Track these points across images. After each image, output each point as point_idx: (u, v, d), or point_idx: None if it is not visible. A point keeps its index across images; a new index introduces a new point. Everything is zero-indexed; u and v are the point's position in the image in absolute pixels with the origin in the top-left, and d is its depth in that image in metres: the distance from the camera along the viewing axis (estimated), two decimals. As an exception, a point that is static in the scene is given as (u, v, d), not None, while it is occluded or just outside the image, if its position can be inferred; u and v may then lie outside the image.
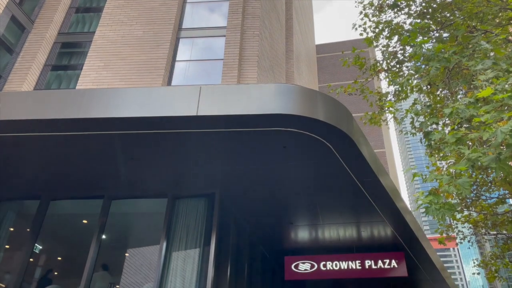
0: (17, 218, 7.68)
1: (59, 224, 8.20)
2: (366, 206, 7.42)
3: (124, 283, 7.31)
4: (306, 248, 9.54)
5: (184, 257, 6.83)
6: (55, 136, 5.82)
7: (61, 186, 7.39)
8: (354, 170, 6.34)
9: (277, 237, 9.26)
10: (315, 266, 8.86)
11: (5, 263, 7.46)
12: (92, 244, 6.95)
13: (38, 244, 7.53)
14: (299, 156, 6.15)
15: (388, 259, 8.48)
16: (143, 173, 6.89)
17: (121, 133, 5.70)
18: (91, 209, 7.56)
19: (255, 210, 8.01)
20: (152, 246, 7.25)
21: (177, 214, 7.25)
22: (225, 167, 6.55)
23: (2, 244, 7.36)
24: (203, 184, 7.16)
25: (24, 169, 6.97)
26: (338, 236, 8.91)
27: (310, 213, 7.99)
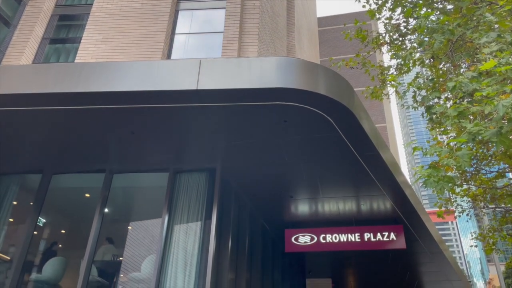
0: (20, 192, 7.76)
1: (62, 197, 8.29)
2: (366, 180, 7.47)
3: (127, 255, 7.45)
4: (306, 221, 9.66)
5: (186, 230, 6.94)
6: (55, 110, 5.80)
7: (63, 160, 7.43)
8: (355, 144, 6.35)
9: (277, 210, 9.36)
10: (315, 238, 9.00)
11: (9, 236, 7.59)
12: (95, 217, 7.05)
13: (42, 217, 7.63)
14: (299, 130, 6.14)
15: (387, 232, 8.61)
16: (144, 148, 6.91)
17: (120, 107, 5.68)
18: (93, 183, 7.62)
19: (255, 184, 8.07)
20: (154, 219, 7.35)
21: (179, 188, 7.32)
22: (226, 142, 6.56)
23: (6, 218, 7.47)
24: (204, 158, 7.19)
25: (26, 143, 6.99)
26: (338, 209, 9.00)
27: (310, 187, 8.05)
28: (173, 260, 6.66)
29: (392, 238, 8.54)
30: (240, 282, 8.06)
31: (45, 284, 7.27)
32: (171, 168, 7.37)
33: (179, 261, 6.64)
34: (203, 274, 6.44)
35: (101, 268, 7.34)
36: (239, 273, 8.15)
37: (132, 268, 7.16)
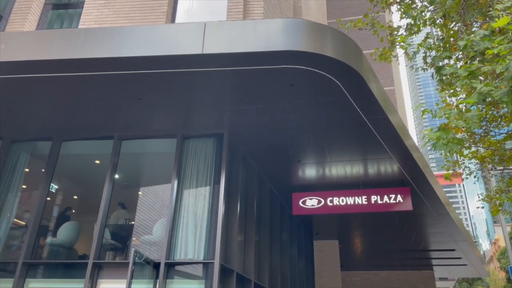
0: (31, 159, 7.88)
1: (73, 164, 8.42)
2: (373, 143, 7.46)
3: (138, 219, 7.63)
4: (313, 185, 9.75)
5: (195, 194, 7.05)
6: (61, 77, 5.79)
7: (72, 127, 7.49)
8: (363, 107, 6.30)
9: (284, 174, 9.44)
10: (322, 201, 9.11)
11: (23, 202, 7.78)
12: (106, 183, 7.18)
13: (54, 184, 7.79)
14: (307, 94, 6.09)
15: (394, 194, 8.67)
16: (151, 114, 6.92)
17: (125, 73, 5.65)
18: (102, 150, 7.71)
19: (263, 149, 8.10)
20: (164, 184, 7.46)
21: (187, 154, 7.38)
22: (233, 107, 6.54)
23: (19, 184, 7.63)
24: (212, 124, 7.20)
25: (34, 111, 7.03)
26: (345, 173, 9.06)
27: (318, 151, 8.07)
28: (183, 223, 6.81)
29: (399, 200, 8.61)
30: (249, 244, 8.26)
31: (60, 247, 7.52)
32: (179, 134, 7.40)
33: (189, 225, 6.80)
34: (213, 237, 6.60)
35: (114, 232, 7.55)
36: (248, 235, 8.34)
37: (144, 231, 7.35)
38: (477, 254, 15.45)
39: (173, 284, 6.48)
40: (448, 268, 18.99)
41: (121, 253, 7.51)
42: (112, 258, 7.26)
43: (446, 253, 15.59)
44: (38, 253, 7.32)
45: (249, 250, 8.22)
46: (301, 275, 13.16)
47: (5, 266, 7.07)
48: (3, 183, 7.58)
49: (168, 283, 6.41)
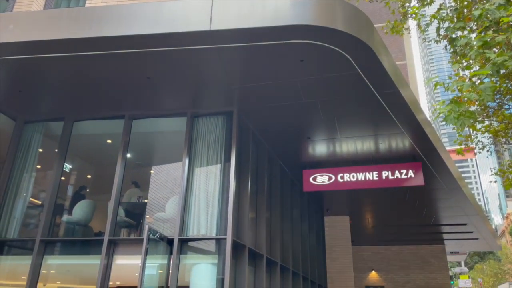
0: (44, 139, 7.99)
1: (85, 144, 8.52)
2: (385, 118, 7.39)
3: (151, 197, 7.75)
4: (323, 162, 9.74)
5: (206, 172, 7.11)
6: (70, 57, 5.79)
7: (83, 106, 7.54)
8: (374, 82, 6.21)
9: (295, 152, 9.44)
10: (333, 178, 9.12)
11: (38, 182, 7.94)
12: (118, 162, 7.26)
13: (67, 163, 7.91)
14: (316, 69, 6.02)
15: (405, 170, 8.64)
16: (160, 92, 6.92)
17: (134, 51, 5.63)
18: (113, 129, 7.77)
19: (272, 126, 8.09)
20: (175, 163, 7.53)
21: (197, 132, 7.40)
22: (242, 84, 6.50)
23: (33, 164, 7.76)
24: (221, 102, 7.18)
25: (45, 91, 7.09)
26: (356, 149, 9.02)
27: (328, 127, 8.03)
28: (195, 201, 6.90)
29: (410, 175, 8.58)
30: (260, 221, 8.36)
31: (76, 225, 7.70)
32: (188, 113, 7.41)
33: (201, 202, 6.88)
34: (225, 214, 6.68)
35: (128, 210, 7.69)
36: (259, 212, 8.43)
37: (157, 209, 7.48)
38: (489, 228, 15.43)
39: (186, 259, 6.62)
40: (459, 242, 19.05)
41: (135, 230, 7.67)
42: (126, 235, 7.42)
43: (458, 227, 15.60)
44: (54, 231, 7.51)
45: (260, 226, 8.32)
46: (312, 250, 13.34)
47: (23, 243, 7.28)
48: (18, 164, 7.72)
49: (182, 259, 6.55)
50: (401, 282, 19.39)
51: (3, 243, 7.21)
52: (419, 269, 19.41)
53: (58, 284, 9.90)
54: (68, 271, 8.31)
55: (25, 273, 6.84)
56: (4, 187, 7.50)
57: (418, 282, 19.20)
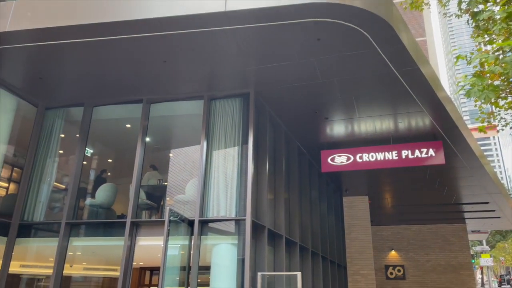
0: (65, 125, 8.14)
1: (105, 129, 8.65)
2: (404, 96, 7.25)
3: (171, 180, 7.86)
4: (342, 142, 9.66)
5: (224, 154, 7.15)
6: (88, 42, 5.84)
7: (102, 92, 7.63)
8: (393, 59, 6.08)
9: (312, 133, 9.38)
10: (351, 158, 9.05)
11: (61, 167, 8.13)
12: (138, 146, 7.36)
13: (89, 148, 8.06)
14: (334, 48, 5.92)
15: (425, 149, 8.50)
16: (177, 76, 6.94)
17: (149, 35, 5.63)
18: (132, 114, 7.86)
19: (289, 107, 8.04)
20: (193, 146, 7.59)
21: (214, 115, 7.42)
22: (258, 65, 6.45)
23: (56, 150, 7.94)
24: (237, 84, 7.16)
25: (65, 77, 7.19)
26: (375, 128, 8.91)
27: (346, 107, 7.94)
28: (214, 183, 6.97)
29: (431, 154, 8.44)
30: (279, 202, 8.40)
31: (99, 208, 7.90)
32: (205, 96, 7.42)
33: (220, 184, 6.95)
34: (244, 195, 6.74)
35: (149, 192, 7.84)
36: (278, 193, 8.47)
37: (176, 191, 7.59)
38: (511, 206, 15.16)
39: (207, 240, 6.74)
40: (481, 221, 18.81)
41: (156, 212, 7.82)
42: (147, 217, 7.58)
43: (480, 206, 15.38)
44: (79, 214, 7.72)
45: (279, 207, 8.37)
46: (331, 230, 13.39)
47: (49, 226, 7.52)
48: (42, 149, 7.91)
49: (203, 239, 6.67)
50: (421, 261, 19.35)
51: (30, 226, 7.46)
52: (439, 248, 19.31)
53: (84, 265, 10.24)
54: (93, 252, 8.58)
55: (52, 255, 7.09)
56: (29, 172, 7.71)
57: (438, 261, 19.13)
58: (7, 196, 8.34)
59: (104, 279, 10.81)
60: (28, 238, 7.46)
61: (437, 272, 19.06)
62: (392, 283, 19.41)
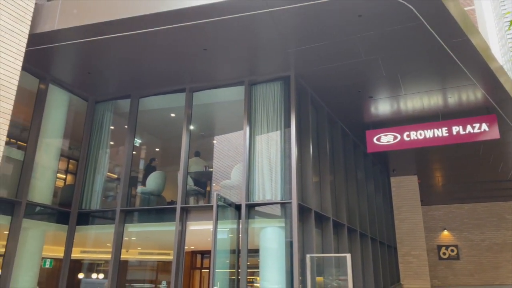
0: (114, 117, 8.48)
1: (151, 119, 8.93)
2: (454, 70, 6.91)
3: (216, 166, 8.01)
4: (388, 121, 9.40)
5: (267, 139, 7.17)
6: (131, 36, 6.00)
7: (147, 83, 7.86)
8: (440, 31, 5.78)
9: (356, 112, 9.18)
10: (398, 137, 8.79)
11: (113, 158, 8.51)
12: (183, 134, 7.54)
13: (137, 138, 8.37)
14: (376, 24, 5.71)
15: (478, 123, 8.08)
16: (217, 63, 6.99)
17: (189, 24, 5.69)
18: (176, 103, 8.04)
19: (332, 88, 7.90)
20: (236, 132, 7.67)
21: (255, 100, 7.44)
22: (298, 47, 6.36)
23: (107, 141, 8.30)
24: (277, 67, 7.11)
25: (111, 71, 7.47)
26: (422, 105, 8.58)
27: (391, 85, 7.69)
28: (258, 168, 7.03)
29: (484, 129, 8.02)
30: (324, 184, 8.35)
31: (150, 195, 8.21)
32: (246, 81, 7.44)
33: (264, 168, 6.99)
34: (288, 179, 6.75)
35: (196, 179, 8.04)
36: (323, 176, 8.41)
37: (222, 177, 7.73)
38: None
39: (254, 223, 6.84)
40: (540, 197, 17.79)
41: (203, 198, 8.02)
42: (195, 203, 7.79)
43: (539, 182, 14.53)
44: (131, 201, 8.08)
45: (325, 189, 8.32)
46: (379, 211, 13.15)
47: (105, 214, 7.92)
48: (94, 142, 8.30)
49: (250, 223, 6.78)
50: (476, 240, 18.64)
51: (87, 214, 7.91)
52: (495, 226, 18.51)
53: (139, 250, 10.75)
54: (146, 237, 8.97)
55: (108, 240, 7.48)
56: (83, 163, 8.13)
57: (494, 240, 18.36)
58: (65, 186, 8.88)
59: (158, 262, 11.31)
60: (86, 225, 7.91)
61: (493, 251, 18.33)
62: (445, 264, 18.88)
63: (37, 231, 7.14)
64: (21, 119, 7.27)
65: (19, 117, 7.16)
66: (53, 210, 7.59)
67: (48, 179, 7.46)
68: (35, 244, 7.06)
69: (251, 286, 7.32)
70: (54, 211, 7.62)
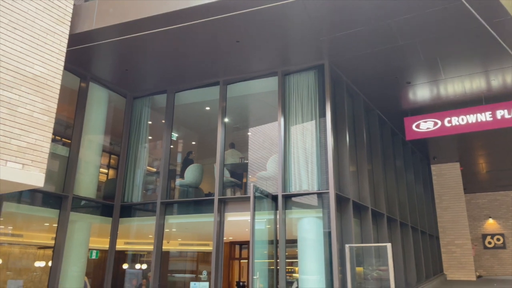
0: (152, 112, 8.69)
1: (187, 113, 9.08)
2: (496, 51, 6.58)
3: (251, 157, 8.05)
4: (427, 107, 9.09)
5: (302, 129, 7.12)
6: (166, 31, 6.10)
7: (182, 78, 7.99)
8: (481, 10, 5.51)
9: (393, 99, 8.94)
10: (439, 123, 8.49)
11: (152, 152, 8.74)
12: (218, 127, 7.62)
13: (174, 132, 8.54)
14: (413, 7, 5.51)
15: (524, 106, 7.68)
16: (250, 54, 6.99)
17: (221, 17, 5.72)
18: (211, 96, 8.12)
19: (367, 75, 7.72)
20: (271, 123, 7.67)
21: (289, 90, 7.40)
22: (331, 34, 6.25)
23: (145, 136, 8.53)
24: (311, 56, 7.03)
25: (147, 66, 7.65)
26: (464, 89, 8.23)
27: (430, 69, 7.42)
28: (294, 158, 7.00)
29: (531, 112, 7.62)
30: (362, 174, 8.21)
31: (188, 187, 8.38)
32: (279, 71, 7.41)
33: (300, 159, 6.96)
34: (325, 169, 6.69)
35: (232, 171, 8.13)
36: (360, 165, 8.27)
37: (258, 168, 7.77)
38: None
39: (292, 214, 6.85)
40: None
41: (240, 189, 8.10)
42: (232, 194, 7.88)
43: None
44: (171, 194, 8.28)
45: (363, 179, 8.19)
46: (419, 200, 12.80)
47: (145, 206, 8.17)
48: (133, 137, 8.55)
49: (287, 213, 6.79)
50: (524, 229, 17.82)
51: (130, 207, 8.18)
52: (545, 214, 17.61)
53: (179, 241, 11.02)
54: (186, 229, 9.18)
55: (150, 232, 7.72)
56: (124, 158, 8.40)
57: (544, 229, 17.47)
58: (108, 180, 9.22)
59: (198, 253, 11.56)
60: (129, 217, 8.20)
61: (544, 240, 17.46)
62: (490, 253, 18.17)
63: (83, 223, 7.48)
64: (65, 117, 7.60)
65: (63, 115, 7.48)
66: (98, 203, 7.92)
67: (92, 174, 7.78)
68: (82, 236, 7.40)
69: (290, 276, 7.36)
70: (99, 204, 7.95)
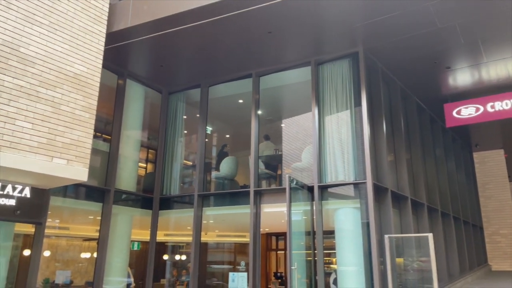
0: (186, 107, 8.83)
1: (221, 106, 9.16)
2: (544, 30, 6.20)
3: (286, 149, 8.04)
4: (467, 92, 8.72)
5: (337, 120, 7.02)
6: (199, 26, 6.16)
7: (215, 71, 8.05)
8: (527, -12, 5.20)
9: (432, 85, 8.63)
10: (481, 108, 8.14)
11: (187, 146, 8.89)
12: (252, 119, 7.64)
13: (208, 126, 8.65)
14: (452, -12, 5.29)
15: None
16: (282, 45, 6.94)
17: (253, 8, 5.70)
18: (243, 89, 8.15)
19: (404, 61, 7.49)
20: (304, 114, 7.61)
21: (323, 79, 7.30)
22: (365, 20, 6.09)
23: (181, 130, 8.68)
24: (344, 44, 6.89)
25: (181, 62, 7.75)
26: (508, 72, 7.83)
27: (471, 52, 7.10)
28: (329, 148, 6.92)
29: None
30: (400, 163, 8.01)
31: (224, 180, 8.48)
32: (312, 61, 7.32)
33: (335, 149, 6.87)
34: (361, 158, 6.58)
35: (266, 162, 8.15)
36: (398, 154, 8.07)
37: (292, 159, 7.74)
38: None
39: (328, 205, 6.79)
40: None
41: (275, 181, 8.11)
42: (267, 186, 7.90)
43: None
44: (207, 187, 8.41)
45: (401, 168, 7.99)
46: (461, 189, 12.36)
47: (183, 198, 8.34)
48: (170, 131, 8.73)
49: (324, 204, 6.73)
50: None
51: (168, 199, 8.38)
52: None
53: (217, 232, 11.21)
54: (223, 220, 9.32)
55: (188, 224, 7.89)
56: (161, 152, 8.60)
57: None
58: (147, 174, 9.48)
59: (235, 244, 11.72)
60: (168, 210, 8.41)
61: None
62: (540, 244, 17.31)
63: (125, 216, 7.74)
64: (104, 113, 7.86)
65: (102, 112, 7.74)
66: (138, 196, 8.17)
67: (131, 168, 8.03)
68: (124, 228, 7.67)
69: (327, 267, 7.32)
70: (139, 197, 8.20)
